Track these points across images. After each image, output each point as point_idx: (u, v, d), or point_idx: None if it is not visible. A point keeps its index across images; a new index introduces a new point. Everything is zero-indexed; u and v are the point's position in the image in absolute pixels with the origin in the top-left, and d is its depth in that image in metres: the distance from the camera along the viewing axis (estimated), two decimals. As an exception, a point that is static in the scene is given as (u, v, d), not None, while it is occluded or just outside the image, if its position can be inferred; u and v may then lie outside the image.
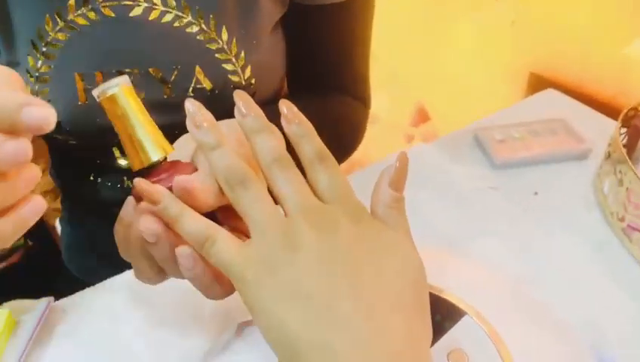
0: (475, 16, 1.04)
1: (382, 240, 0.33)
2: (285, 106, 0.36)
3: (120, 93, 0.34)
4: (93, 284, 0.56)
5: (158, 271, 0.38)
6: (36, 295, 0.55)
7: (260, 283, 0.31)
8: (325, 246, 0.32)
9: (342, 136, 0.69)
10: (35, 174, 0.28)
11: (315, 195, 0.34)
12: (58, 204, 0.90)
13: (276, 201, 0.34)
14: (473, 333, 0.36)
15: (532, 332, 0.42)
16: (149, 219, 0.34)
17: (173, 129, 0.40)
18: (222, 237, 0.33)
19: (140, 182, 0.34)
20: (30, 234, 1.34)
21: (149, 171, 0.35)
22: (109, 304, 0.54)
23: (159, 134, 0.36)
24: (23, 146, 0.26)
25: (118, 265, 0.74)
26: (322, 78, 0.68)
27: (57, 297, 0.54)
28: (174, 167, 0.36)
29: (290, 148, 0.36)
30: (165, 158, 0.36)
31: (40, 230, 1.31)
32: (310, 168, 0.35)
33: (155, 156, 0.35)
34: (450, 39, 1.12)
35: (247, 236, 0.33)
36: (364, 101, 0.72)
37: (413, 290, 0.32)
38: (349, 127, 0.71)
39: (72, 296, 0.55)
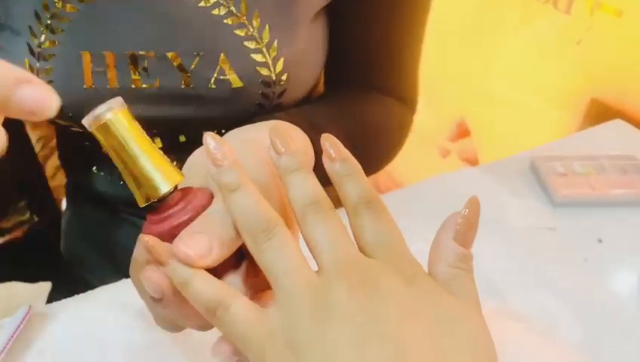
0: (536, 28, 0.95)
1: (443, 309, 0.26)
2: (328, 142, 0.30)
3: (115, 119, 0.29)
4: (86, 276, 0.49)
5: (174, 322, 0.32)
6: (37, 272, 0.50)
7: (283, 358, 0.24)
8: (366, 314, 0.24)
9: (381, 145, 0.61)
10: None
11: (358, 247, 0.27)
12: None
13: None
14: None
15: None
16: (153, 271, 0.28)
17: (189, 122, 0.33)
18: (238, 303, 0.26)
19: (146, 241, 0.28)
20: (37, 209, 1.29)
21: (158, 206, 0.30)
22: (94, 316, 0.47)
23: (165, 161, 0.30)
24: None
25: (112, 261, 0.69)
26: (365, 76, 0.60)
27: (56, 278, 0.48)
28: (186, 197, 0.30)
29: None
30: (176, 187, 0.30)
31: (47, 206, 1.26)
32: (354, 214, 0.28)
33: (163, 188, 0.29)
34: (504, 51, 1.03)
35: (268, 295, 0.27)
36: (409, 104, 0.64)
37: None
38: (389, 135, 0.63)
39: (55, 302, 0.48)
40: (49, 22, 0.46)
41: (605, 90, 0.85)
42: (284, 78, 0.51)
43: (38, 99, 0.22)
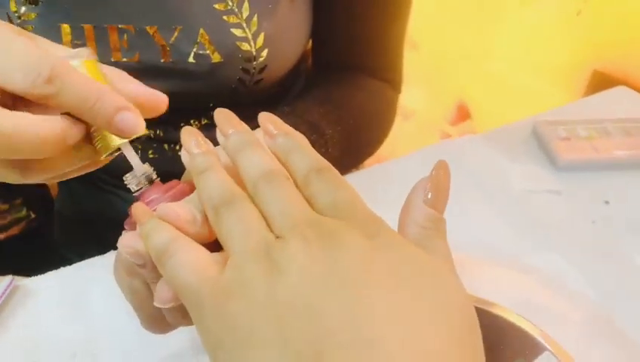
0: (535, 2, 0.93)
1: (409, 259, 0.22)
2: (266, 120, 0.30)
3: (82, 68, 0.29)
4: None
5: (161, 314, 0.31)
6: (34, 268, 0.48)
7: (221, 317, 0.21)
8: (322, 264, 0.21)
9: (373, 131, 0.61)
10: None
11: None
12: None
13: None
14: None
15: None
16: (129, 235, 0.28)
17: (172, 96, 0.33)
18: (187, 250, 0.24)
19: (132, 206, 0.29)
20: (33, 206, 1.27)
21: (140, 193, 0.31)
22: (81, 288, 0.45)
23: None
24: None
25: (100, 239, 0.67)
26: (351, 58, 0.60)
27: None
28: (169, 185, 0.31)
29: None
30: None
31: (44, 203, 1.25)
32: (305, 184, 0.26)
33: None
34: (503, 30, 1.01)
35: None
36: (394, 85, 0.64)
37: (459, 338, 0.20)
38: (380, 119, 0.62)
39: (40, 276, 0.46)
40: None
41: (607, 61, 0.83)
42: (264, 53, 0.50)
43: (132, 124, 0.28)
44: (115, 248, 0.31)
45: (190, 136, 0.30)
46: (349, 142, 0.54)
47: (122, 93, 0.29)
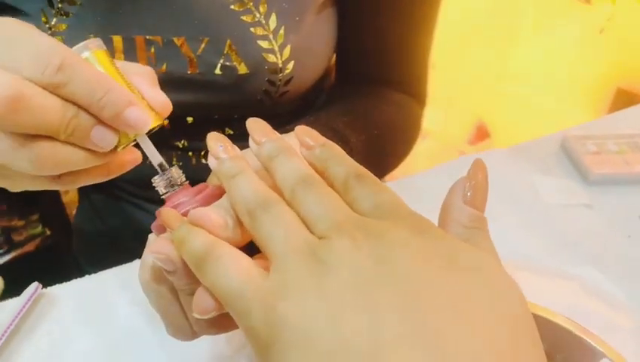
0: (556, 22, 0.93)
1: (460, 257, 0.22)
2: (303, 133, 0.29)
3: (93, 59, 0.29)
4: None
5: (188, 321, 0.30)
6: (49, 283, 0.47)
7: (271, 320, 0.21)
8: (371, 260, 0.21)
9: (397, 144, 0.61)
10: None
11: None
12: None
13: None
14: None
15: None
16: (161, 241, 0.27)
17: (197, 106, 0.33)
18: (229, 256, 0.24)
19: (160, 210, 0.29)
20: (49, 223, 1.27)
21: (169, 196, 0.31)
22: (103, 296, 0.44)
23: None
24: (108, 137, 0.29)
25: (119, 247, 0.67)
26: (376, 71, 0.60)
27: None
28: (198, 188, 0.31)
29: None
30: (154, 129, 0.30)
31: (59, 219, 1.25)
32: (345, 190, 0.25)
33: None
34: (523, 50, 1.01)
35: None
36: (419, 99, 0.64)
37: (516, 326, 0.20)
38: (404, 133, 0.62)
39: (65, 283, 0.46)
40: (60, 5, 0.46)
41: (631, 79, 0.83)
42: (290, 65, 0.50)
43: (141, 120, 0.29)
44: (138, 258, 0.31)
45: (217, 142, 0.29)
46: (373, 152, 0.53)
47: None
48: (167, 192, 0.31)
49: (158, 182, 0.31)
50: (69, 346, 0.40)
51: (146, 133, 0.30)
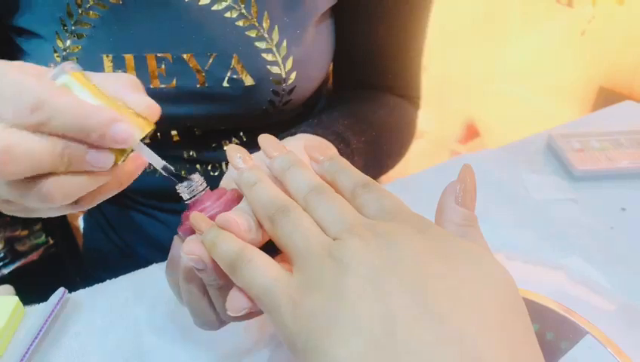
0: (540, 24, 0.97)
1: (458, 251, 0.25)
2: (313, 149, 0.33)
3: (71, 82, 0.29)
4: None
5: (215, 313, 0.34)
6: (52, 293, 0.49)
7: (299, 312, 0.24)
8: (380, 259, 0.24)
9: (395, 145, 0.64)
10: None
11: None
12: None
13: None
14: (598, 356, 0.27)
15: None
16: (192, 243, 0.30)
17: (205, 118, 0.35)
18: (259, 258, 0.27)
19: (192, 215, 0.32)
20: (52, 232, 1.29)
21: (192, 202, 0.33)
22: (125, 298, 0.47)
23: (132, 113, 0.30)
24: (103, 158, 0.29)
25: (131, 256, 0.69)
26: (372, 77, 0.63)
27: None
28: (218, 194, 0.34)
29: None
30: (147, 137, 0.31)
31: (63, 229, 1.27)
32: (353, 197, 0.29)
33: (136, 136, 0.29)
34: (510, 51, 1.05)
35: None
36: (413, 101, 0.67)
37: (507, 311, 0.23)
38: (402, 134, 0.65)
39: (88, 288, 0.49)
40: (73, 28, 0.48)
41: (613, 78, 0.87)
42: (293, 75, 0.53)
43: (127, 134, 0.28)
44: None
45: (236, 153, 0.33)
46: (373, 153, 0.56)
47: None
48: (190, 198, 0.33)
49: (183, 189, 0.33)
50: (98, 346, 0.43)
51: (142, 141, 0.30)
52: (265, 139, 0.34)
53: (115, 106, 0.29)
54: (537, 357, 0.23)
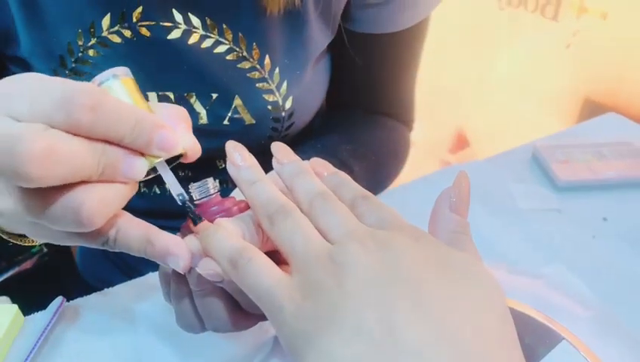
0: (527, 37, 0.99)
1: (451, 259, 0.27)
2: (317, 165, 0.34)
3: (117, 86, 0.29)
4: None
5: (199, 318, 0.35)
6: (47, 301, 0.50)
7: (301, 313, 0.26)
8: (380, 264, 0.26)
9: (392, 167, 0.66)
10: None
11: None
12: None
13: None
14: (573, 361, 0.29)
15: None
16: (207, 262, 0.31)
17: (209, 154, 0.37)
18: (260, 258, 0.29)
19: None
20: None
21: (196, 206, 0.34)
22: (125, 307, 0.48)
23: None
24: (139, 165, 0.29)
25: (130, 272, 0.70)
26: (368, 104, 0.65)
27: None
28: (223, 200, 0.34)
29: None
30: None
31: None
32: (353, 207, 0.31)
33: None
34: (498, 62, 1.08)
35: None
36: (407, 124, 0.70)
37: (497, 316, 0.25)
38: (394, 154, 0.67)
39: (87, 296, 0.50)
40: (73, 65, 0.48)
41: (597, 89, 0.89)
42: (292, 113, 0.54)
43: (174, 141, 0.29)
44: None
45: (235, 150, 0.34)
46: (373, 177, 0.58)
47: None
48: (200, 199, 0.34)
49: (194, 190, 0.34)
50: (96, 353, 0.45)
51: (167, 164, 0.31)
52: (277, 146, 0.35)
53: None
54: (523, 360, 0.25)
